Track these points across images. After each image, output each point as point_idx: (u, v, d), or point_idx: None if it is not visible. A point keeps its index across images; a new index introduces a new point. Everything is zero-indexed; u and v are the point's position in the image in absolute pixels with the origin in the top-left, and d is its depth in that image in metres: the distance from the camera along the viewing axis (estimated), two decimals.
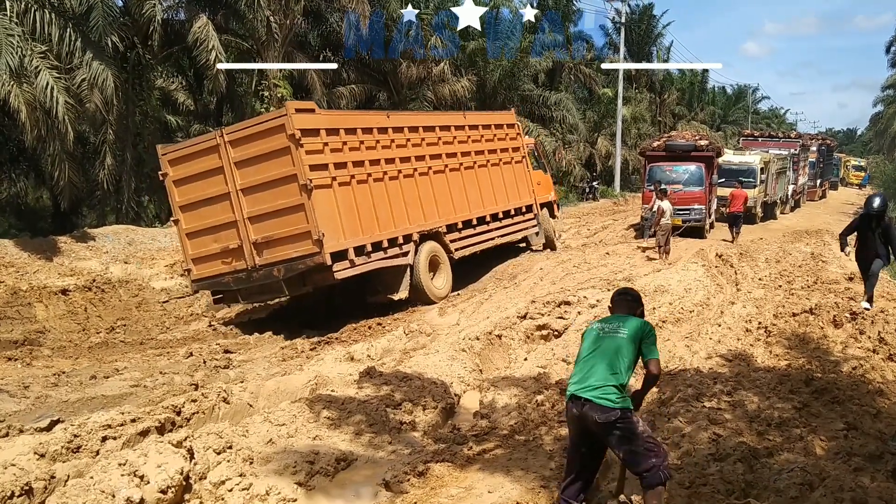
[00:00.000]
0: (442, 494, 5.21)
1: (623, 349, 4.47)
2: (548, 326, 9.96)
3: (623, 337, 4.51)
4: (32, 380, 9.00)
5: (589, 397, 4.36)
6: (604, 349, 4.51)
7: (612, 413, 4.30)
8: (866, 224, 10.02)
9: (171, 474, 4.97)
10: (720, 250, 15.73)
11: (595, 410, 4.33)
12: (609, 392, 4.34)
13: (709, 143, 22.64)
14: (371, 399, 7.07)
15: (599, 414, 4.31)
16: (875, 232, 9.86)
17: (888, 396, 6.74)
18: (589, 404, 4.35)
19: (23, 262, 14.81)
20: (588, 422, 4.37)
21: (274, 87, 23.05)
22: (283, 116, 11.02)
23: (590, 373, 4.45)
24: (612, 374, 4.39)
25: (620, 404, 4.34)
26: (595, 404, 4.33)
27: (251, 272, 11.50)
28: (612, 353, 4.47)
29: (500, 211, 15.61)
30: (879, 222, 9.85)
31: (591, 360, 4.51)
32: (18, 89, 15.20)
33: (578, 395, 4.42)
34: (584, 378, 4.46)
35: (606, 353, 4.48)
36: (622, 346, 4.48)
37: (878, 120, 62.08)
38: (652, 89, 48.58)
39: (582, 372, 4.51)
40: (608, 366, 4.42)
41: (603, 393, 4.34)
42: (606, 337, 4.57)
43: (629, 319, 4.64)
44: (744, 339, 9.04)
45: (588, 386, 4.40)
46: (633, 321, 4.62)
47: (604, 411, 4.31)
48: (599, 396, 4.34)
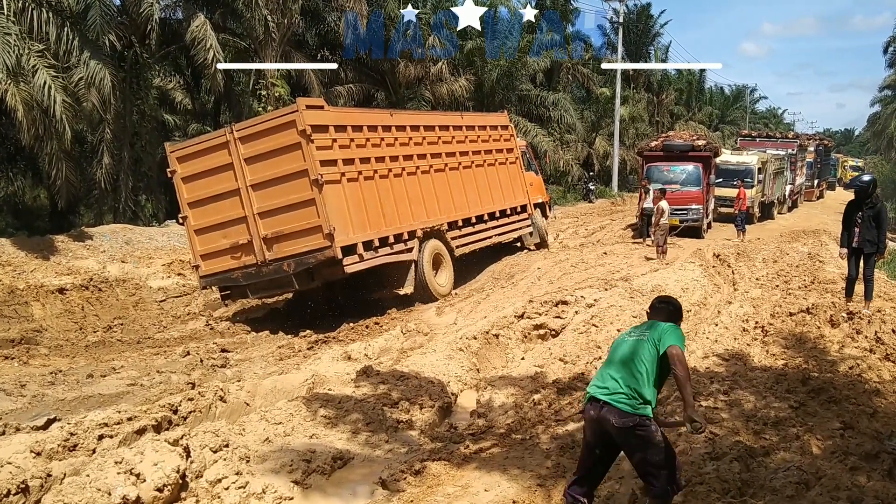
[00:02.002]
0: (438, 493, 5.21)
1: (644, 352, 4.33)
2: (545, 326, 9.96)
3: (645, 340, 4.38)
4: (29, 378, 9.00)
5: (607, 400, 4.27)
6: (627, 352, 4.40)
7: (629, 418, 4.20)
8: (855, 207, 9.69)
9: (167, 472, 4.97)
10: (718, 250, 15.75)
11: (612, 414, 4.23)
12: (628, 396, 4.24)
13: (706, 143, 22.63)
14: (368, 398, 7.07)
15: (617, 418, 4.21)
16: (865, 214, 9.53)
17: (885, 396, 6.75)
18: (607, 407, 4.26)
19: (20, 261, 14.80)
20: (606, 425, 4.27)
21: (272, 87, 23.05)
22: (294, 113, 11.15)
23: (610, 375, 4.35)
24: (631, 378, 4.27)
25: (639, 410, 4.23)
26: (613, 407, 4.24)
27: (261, 267, 11.58)
28: (633, 356, 4.35)
29: (496, 210, 15.91)
30: (868, 202, 9.53)
31: (614, 363, 4.41)
32: (16, 88, 15.21)
33: (597, 396, 4.33)
34: (603, 380, 4.37)
35: (628, 356, 4.37)
36: (643, 349, 4.35)
37: (875, 120, 62.06)
38: (650, 89, 48.60)
39: (603, 374, 4.42)
40: (628, 369, 4.31)
41: (621, 397, 4.24)
42: (631, 340, 4.46)
43: (658, 324, 4.47)
44: (741, 338, 9.05)
45: (607, 388, 4.31)
46: (660, 325, 4.45)
47: (621, 416, 4.21)
48: (618, 400, 4.24)
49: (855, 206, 9.68)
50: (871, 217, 9.49)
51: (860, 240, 9.60)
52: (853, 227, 9.65)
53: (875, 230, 9.50)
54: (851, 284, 9.99)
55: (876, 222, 9.49)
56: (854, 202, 9.73)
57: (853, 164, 59.79)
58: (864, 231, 9.54)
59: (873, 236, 9.52)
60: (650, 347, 4.33)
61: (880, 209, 9.57)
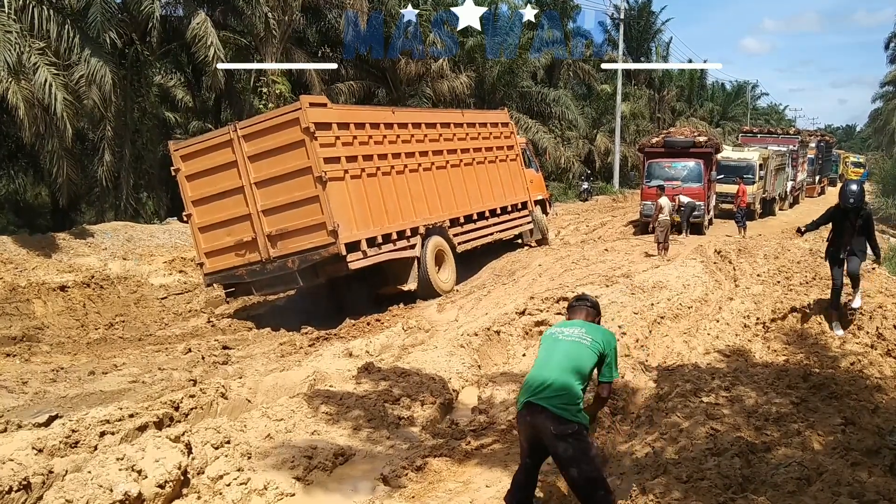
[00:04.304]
0: (440, 489, 5.22)
1: (585, 359, 4.17)
2: (546, 322, 9.91)
3: (587, 346, 4.21)
4: (31, 376, 9.02)
5: (546, 406, 4.04)
6: (564, 356, 4.20)
7: (569, 426, 4.01)
8: (842, 215, 8.88)
9: (168, 469, 4.97)
10: (719, 246, 15.73)
11: (551, 420, 4.02)
12: (568, 402, 4.05)
13: (708, 140, 22.61)
14: (369, 394, 7.08)
15: (556, 424, 4.01)
16: (854, 224, 8.79)
17: (886, 392, 6.75)
18: (545, 413, 4.04)
19: (21, 259, 14.81)
20: (542, 433, 4.06)
21: (272, 84, 23.05)
22: (297, 110, 11.19)
23: (547, 380, 4.12)
24: (571, 384, 4.10)
25: (578, 418, 4.07)
26: (552, 413, 4.02)
27: (265, 264, 11.63)
28: (573, 360, 4.16)
29: (497, 207, 15.99)
30: (859, 213, 8.78)
31: (550, 367, 4.19)
32: (17, 86, 15.21)
33: (534, 402, 4.10)
34: (541, 385, 4.13)
35: (567, 360, 4.17)
36: (585, 355, 4.18)
37: (877, 116, 62.13)
38: (651, 85, 48.62)
39: (539, 378, 4.18)
40: (567, 374, 4.12)
41: (561, 402, 4.04)
42: (567, 342, 4.26)
43: (594, 327, 4.35)
44: (742, 334, 9.05)
45: (545, 394, 4.08)
46: (601, 331, 4.34)
47: (560, 422, 4.01)
48: (557, 406, 4.04)
49: (843, 213, 8.86)
50: (862, 226, 8.84)
51: (850, 249, 8.89)
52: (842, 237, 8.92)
53: (864, 238, 8.93)
54: (837, 295, 9.03)
55: (866, 231, 8.90)
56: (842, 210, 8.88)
57: (855, 160, 59.67)
58: (854, 241, 8.87)
59: (863, 245, 8.95)
60: (592, 355, 4.19)
61: (868, 215, 8.94)
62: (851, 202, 8.60)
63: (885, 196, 34.42)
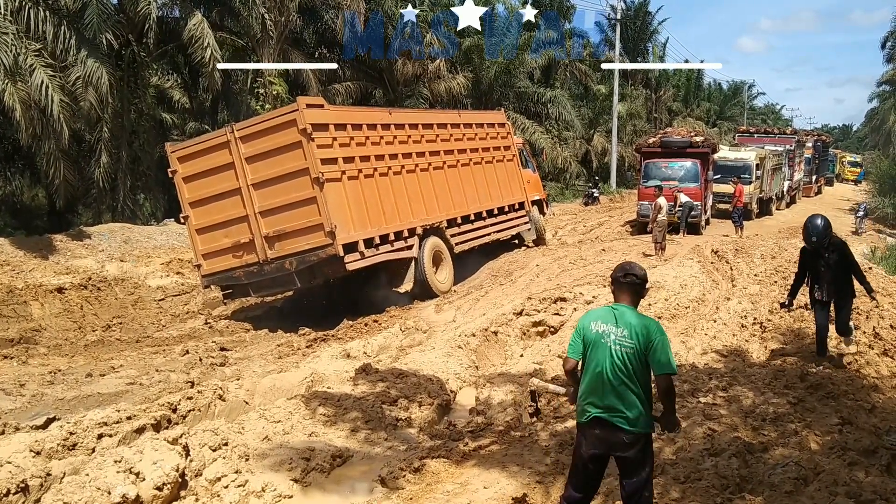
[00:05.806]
0: (438, 490, 5.22)
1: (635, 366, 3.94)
2: (544, 323, 9.97)
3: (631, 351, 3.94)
4: (28, 378, 9.00)
5: (616, 423, 3.94)
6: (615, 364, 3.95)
7: (640, 436, 3.97)
8: (813, 255, 7.63)
9: (166, 471, 4.97)
10: (716, 246, 15.75)
11: (623, 433, 3.94)
12: (636, 415, 3.94)
13: (704, 140, 22.66)
14: (367, 396, 7.08)
15: (627, 435, 3.94)
16: (829, 261, 7.51)
17: (883, 391, 6.77)
18: (617, 428, 3.94)
19: (18, 261, 14.79)
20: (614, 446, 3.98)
21: (269, 85, 23.03)
22: (294, 112, 11.20)
23: (608, 392, 3.96)
24: (632, 395, 3.94)
25: (646, 429, 4.00)
26: (623, 430, 3.93)
27: (263, 265, 11.63)
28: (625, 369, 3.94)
29: (494, 207, 15.99)
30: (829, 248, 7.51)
31: (605, 376, 3.98)
32: (13, 87, 15.18)
33: (603, 418, 3.96)
34: (603, 398, 3.97)
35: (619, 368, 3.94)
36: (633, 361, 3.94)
37: (873, 116, 62.17)
38: (648, 86, 48.67)
39: (599, 391, 4.00)
40: (626, 385, 3.94)
41: (632, 416, 3.93)
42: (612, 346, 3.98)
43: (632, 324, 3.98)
44: (739, 334, 9.07)
45: (610, 408, 3.95)
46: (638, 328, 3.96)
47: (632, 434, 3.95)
48: (626, 419, 3.93)
49: (812, 253, 7.63)
50: (837, 262, 7.52)
51: (828, 291, 7.60)
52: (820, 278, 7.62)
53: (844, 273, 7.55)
54: (823, 335, 7.77)
55: (844, 265, 7.55)
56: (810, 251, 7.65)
57: (851, 159, 59.87)
58: (833, 281, 7.57)
59: (846, 281, 7.58)
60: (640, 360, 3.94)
61: (842, 246, 7.62)
62: (814, 240, 7.45)
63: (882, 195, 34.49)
